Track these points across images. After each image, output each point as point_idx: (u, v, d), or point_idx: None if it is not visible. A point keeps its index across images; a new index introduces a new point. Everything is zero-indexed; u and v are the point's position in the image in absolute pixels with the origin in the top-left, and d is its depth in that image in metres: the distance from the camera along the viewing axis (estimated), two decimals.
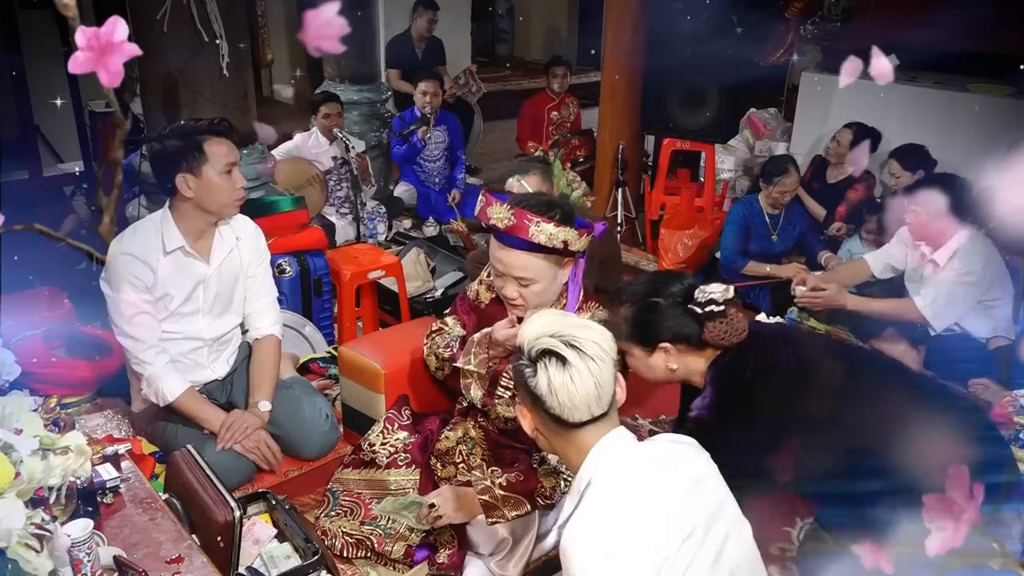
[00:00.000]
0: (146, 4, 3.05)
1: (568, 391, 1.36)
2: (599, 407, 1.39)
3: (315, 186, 4.23)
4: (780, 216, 4.03)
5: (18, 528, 1.33)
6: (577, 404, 1.37)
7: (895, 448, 1.73)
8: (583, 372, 1.36)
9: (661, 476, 1.39)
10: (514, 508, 2.06)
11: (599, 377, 1.38)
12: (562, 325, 1.42)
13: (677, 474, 1.41)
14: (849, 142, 4.18)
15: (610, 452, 1.40)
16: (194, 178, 2.31)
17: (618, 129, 4.93)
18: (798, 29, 5.14)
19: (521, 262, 2.06)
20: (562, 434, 1.43)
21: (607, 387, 1.40)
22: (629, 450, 1.42)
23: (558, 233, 2.01)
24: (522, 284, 2.09)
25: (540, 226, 2.00)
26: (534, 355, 1.40)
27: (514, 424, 2.29)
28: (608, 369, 1.39)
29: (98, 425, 2.49)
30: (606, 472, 1.38)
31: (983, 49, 4.22)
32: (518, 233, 2.01)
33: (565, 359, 1.37)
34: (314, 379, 3.07)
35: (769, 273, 3.91)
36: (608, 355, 1.40)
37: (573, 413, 1.38)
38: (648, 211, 4.86)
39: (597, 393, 1.38)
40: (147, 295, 2.35)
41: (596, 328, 1.44)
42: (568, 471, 2.14)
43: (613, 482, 1.37)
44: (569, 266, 2.14)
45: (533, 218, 2.00)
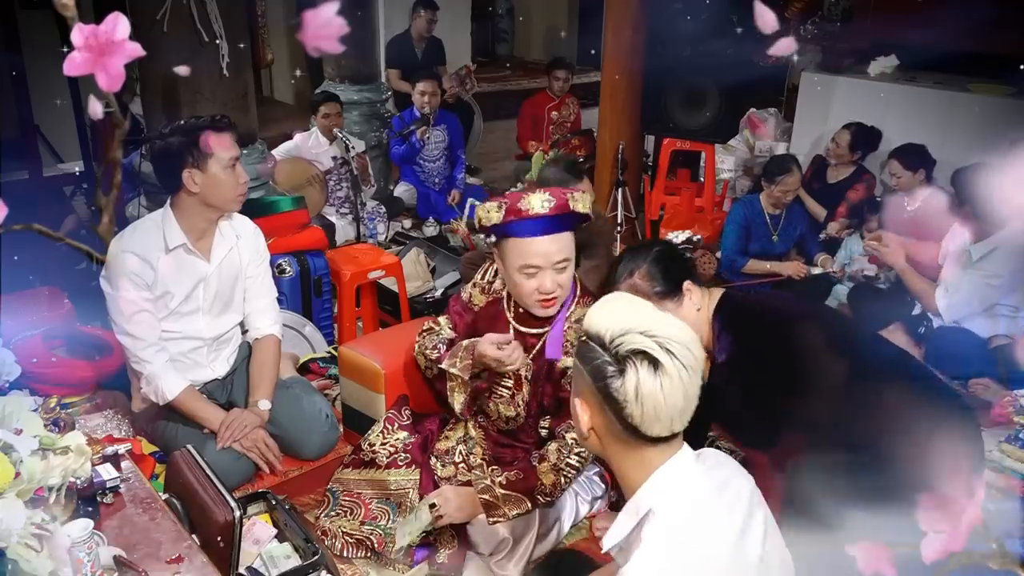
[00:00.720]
0: (146, 4, 3.06)
1: (656, 401, 1.19)
2: (680, 424, 1.23)
3: (315, 186, 4.23)
4: (781, 216, 4.03)
5: (18, 528, 1.33)
6: (661, 417, 1.21)
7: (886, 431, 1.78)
8: (675, 381, 1.20)
9: (726, 515, 1.27)
10: (515, 507, 2.06)
11: (689, 389, 1.21)
12: (650, 320, 1.24)
13: (736, 509, 1.29)
14: (848, 143, 4.18)
15: (677, 481, 1.26)
16: (200, 173, 2.32)
17: (618, 129, 4.93)
18: (798, 29, 5.14)
19: (562, 244, 2.08)
20: (628, 444, 1.26)
21: (693, 401, 1.24)
22: (695, 480, 1.27)
23: (586, 197, 2.08)
24: (559, 269, 2.09)
25: (575, 196, 2.06)
26: (622, 353, 1.21)
27: (514, 424, 2.30)
28: (697, 380, 1.23)
29: (98, 425, 2.48)
30: (671, 505, 1.25)
31: (983, 49, 4.23)
32: (562, 210, 2.03)
33: (659, 363, 1.19)
34: (314, 379, 3.07)
35: (770, 270, 3.92)
36: (698, 363, 1.23)
37: (653, 426, 1.22)
38: (648, 211, 4.86)
39: (684, 407, 1.22)
40: (147, 293, 2.35)
41: (685, 328, 1.26)
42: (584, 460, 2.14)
43: (679, 518, 1.24)
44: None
45: (567, 192, 2.07)
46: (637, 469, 1.27)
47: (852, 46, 5.00)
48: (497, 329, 2.26)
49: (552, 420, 2.22)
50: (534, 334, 2.22)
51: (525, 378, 2.22)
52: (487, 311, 2.34)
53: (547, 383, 2.20)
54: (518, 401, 2.26)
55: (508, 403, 2.28)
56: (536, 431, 2.29)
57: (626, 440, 1.25)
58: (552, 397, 2.21)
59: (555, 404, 2.22)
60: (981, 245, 3.06)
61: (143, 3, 3.08)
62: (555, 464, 2.08)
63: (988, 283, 3.05)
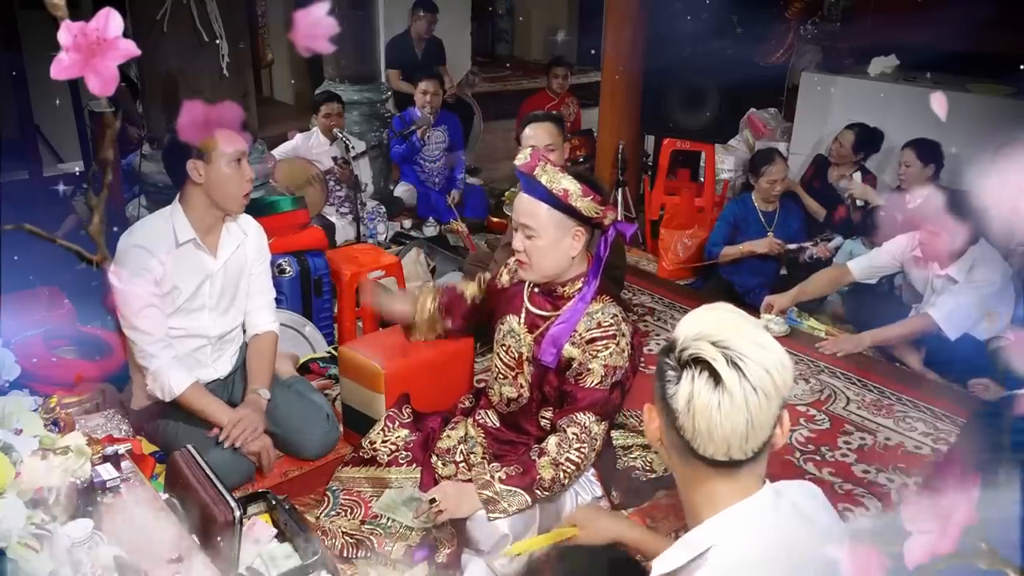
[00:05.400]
0: (146, 4, 3.06)
1: (710, 418, 1.08)
2: (741, 451, 1.10)
3: (315, 186, 4.23)
4: (775, 213, 4.04)
5: (18, 528, 1.33)
6: (715, 437, 1.09)
7: None
8: (737, 402, 1.07)
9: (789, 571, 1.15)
10: (515, 502, 2.06)
11: (756, 415, 1.08)
12: (735, 332, 1.12)
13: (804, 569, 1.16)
14: (852, 143, 4.18)
15: (746, 528, 1.13)
16: (204, 164, 2.33)
17: (618, 129, 4.93)
18: (798, 29, 5.14)
19: (527, 207, 2.09)
20: (691, 466, 1.15)
21: (761, 430, 1.10)
22: (768, 532, 1.14)
23: (560, 179, 2.04)
24: (527, 235, 2.10)
25: (546, 167, 2.06)
26: (685, 358, 1.11)
27: (516, 406, 2.30)
28: (771, 408, 1.09)
29: (98, 425, 2.48)
30: (734, 553, 1.13)
31: (983, 49, 4.22)
32: (526, 169, 2.06)
33: (720, 378, 1.08)
34: (314, 379, 3.07)
35: (743, 252, 3.93)
36: (777, 391, 1.10)
37: (706, 445, 1.10)
38: (648, 211, 4.86)
39: (745, 433, 1.09)
40: (155, 288, 2.36)
41: (776, 351, 1.12)
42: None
43: (738, 568, 1.13)
44: (580, 239, 2.12)
45: (545, 160, 2.07)
46: (703, 500, 1.17)
47: (852, 46, 5.00)
48: (512, 308, 2.30)
49: (554, 413, 2.22)
50: (543, 315, 2.23)
51: (527, 359, 2.23)
52: (509, 291, 2.37)
53: (549, 371, 2.20)
54: (520, 382, 2.27)
55: (511, 384, 2.29)
56: (537, 420, 2.29)
57: (687, 459, 1.15)
58: (555, 388, 2.21)
59: (558, 396, 2.21)
60: (961, 262, 3.09)
61: (143, 3, 3.08)
62: (554, 458, 2.07)
63: (982, 292, 3.07)
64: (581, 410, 2.09)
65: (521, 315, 2.27)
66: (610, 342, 2.09)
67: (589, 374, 2.10)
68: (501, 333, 2.33)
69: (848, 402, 3.13)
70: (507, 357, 2.29)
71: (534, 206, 2.08)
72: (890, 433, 2.93)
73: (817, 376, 3.31)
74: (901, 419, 3.02)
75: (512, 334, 2.28)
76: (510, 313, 2.31)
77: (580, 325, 2.13)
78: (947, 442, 2.87)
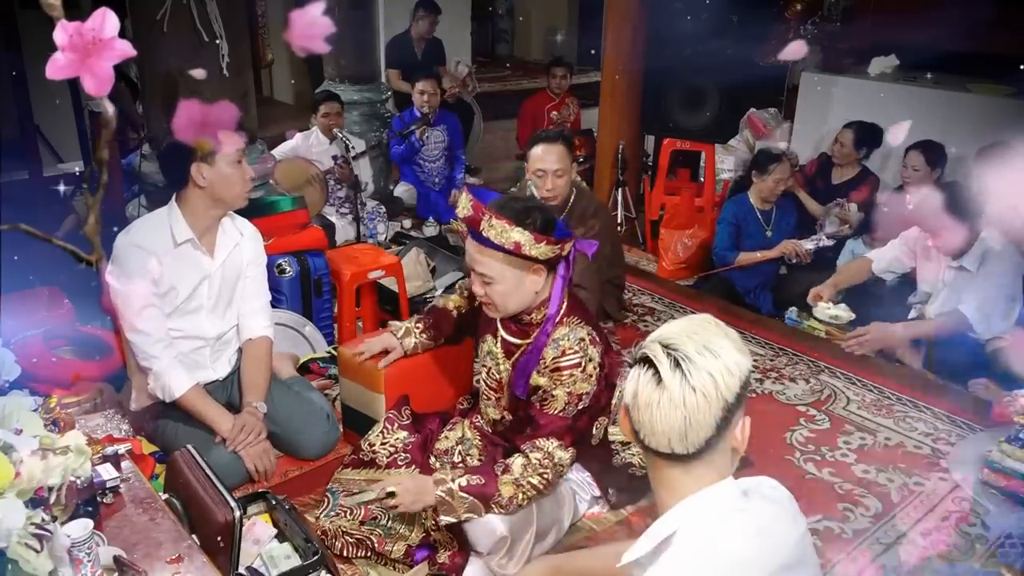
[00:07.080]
0: (146, 4, 3.06)
1: (651, 413, 1.16)
2: (682, 446, 1.17)
3: (315, 186, 4.23)
4: (772, 212, 4.04)
5: (18, 528, 1.33)
6: (656, 431, 1.17)
7: None
8: (675, 401, 1.14)
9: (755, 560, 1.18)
10: (469, 510, 2.02)
11: (693, 415, 1.15)
12: (689, 337, 1.18)
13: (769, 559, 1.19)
14: (852, 141, 4.18)
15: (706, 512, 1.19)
16: (207, 167, 2.33)
17: (618, 129, 4.93)
18: (798, 29, 5.14)
19: (478, 256, 2.05)
20: (648, 454, 1.23)
21: (698, 430, 1.15)
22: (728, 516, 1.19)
23: (509, 232, 1.95)
24: (484, 281, 2.07)
25: (492, 221, 1.96)
26: (639, 354, 1.20)
27: (501, 426, 2.32)
28: (709, 411, 1.15)
29: (98, 425, 2.48)
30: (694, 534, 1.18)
31: (983, 49, 4.23)
32: (471, 224, 2.00)
33: (660, 378, 1.16)
34: (314, 379, 3.07)
35: (760, 258, 3.93)
36: (719, 395, 1.15)
37: (650, 438, 1.18)
38: (648, 211, 4.86)
39: (683, 431, 1.15)
40: (154, 288, 2.36)
41: (730, 357, 1.17)
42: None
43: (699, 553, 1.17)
44: (540, 274, 2.06)
45: (488, 213, 1.97)
46: (666, 491, 1.23)
47: (852, 46, 5.00)
48: (490, 328, 2.29)
49: (516, 437, 2.19)
50: (516, 344, 2.21)
51: (506, 384, 2.25)
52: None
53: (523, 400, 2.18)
54: (503, 404, 2.30)
55: (495, 406, 2.33)
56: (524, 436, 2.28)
57: (645, 450, 1.22)
58: (523, 412, 2.20)
59: (522, 420, 2.20)
60: (972, 253, 3.08)
61: (143, 3, 3.08)
62: (516, 479, 2.03)
63: (1001, 282, 3.07)
64: (544, 436, 2.06)
65: (498, 338, 2.27)
66: (575, 370, 2.05)
67: (553, 400, 2.07)
68: (482, 352, 2.34)
69: (848, 402, 3.13)
70: (489, 379, 2.31)
71: (487, 255, 2.03)
72: (890, 433, 2.93)
73: (817, 376, 3.31)
74: (901, 419, 3.02)
75: (491, 356, 2.29)
76: (488, 334, 2.30)
77: (547, 352, 2.10)
78: (947, 442, 2.87)
